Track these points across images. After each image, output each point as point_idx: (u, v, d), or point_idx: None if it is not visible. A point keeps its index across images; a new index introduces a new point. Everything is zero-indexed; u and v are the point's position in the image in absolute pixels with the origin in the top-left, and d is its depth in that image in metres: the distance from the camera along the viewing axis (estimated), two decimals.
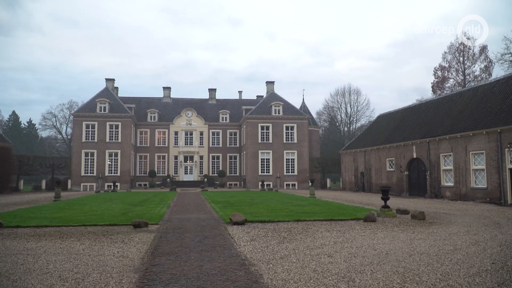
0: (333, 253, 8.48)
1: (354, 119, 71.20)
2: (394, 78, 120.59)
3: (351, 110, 70.37)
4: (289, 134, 50.76)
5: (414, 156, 32.32)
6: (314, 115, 67.43)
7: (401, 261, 7.71)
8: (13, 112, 79.08)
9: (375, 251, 8.67)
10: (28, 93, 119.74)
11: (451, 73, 54.43)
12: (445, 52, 54.23)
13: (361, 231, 11.63)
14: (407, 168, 33.53)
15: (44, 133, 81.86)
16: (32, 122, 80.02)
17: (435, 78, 55.96)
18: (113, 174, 48.04)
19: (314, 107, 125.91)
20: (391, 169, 35.86)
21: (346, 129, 72.84)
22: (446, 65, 54.43)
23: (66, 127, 76.36)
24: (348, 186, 44.25)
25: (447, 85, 54.77)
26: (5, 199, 28.10)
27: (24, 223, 13.27)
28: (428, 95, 61.00)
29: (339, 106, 71.43)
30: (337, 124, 74.23)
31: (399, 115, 39.67)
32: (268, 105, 51.70)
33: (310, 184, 31.02)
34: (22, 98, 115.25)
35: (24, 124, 79.87)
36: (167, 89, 60.17)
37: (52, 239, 10.43)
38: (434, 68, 55.82)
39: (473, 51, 51.91)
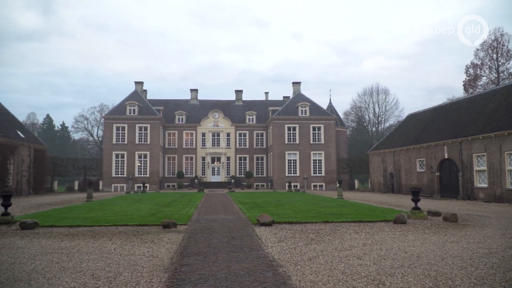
0: (362, 255, 8.36)
1: (383, 119, 70.07)
2: (423, 77, 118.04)
3: (379, 110, 69.30)
4: (316, 134, 50.39)
5: (446, 157, 31.48)
6: (341, 116, 66.73)
7: (433, 265, 7.52)
8: (47, 116, 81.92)
9: (406, 254, 8.49)
10: (61, 96, 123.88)
11: (484, 71, 52.69)
12: (477, 49, 52.51)
13: (390, 233, 11.41)
14: (438, 169, 32.70)
15: (76, 136, 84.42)
16: (65, 125, 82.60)
17: (466, 76, 54.33)
18: (142, 175, 48.98)
19: (341, 108, 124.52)
20: (422, 170, 35.06)
21: (374, 129, 71.72)
22: (479, 63, 52.74)
23: (97, 130, 78.48)
24: (377, 187, 43.53)
25: (479, 83, 53.04)
26: (40, 200, 29.11)
27: (58, 222, 13.68)
28: (459, 93, 59.40)
29: (366, 106, 70.48)
30: (365, 124, 73.16)
31: (429, 115, 38.73)
32: (294, 105, 51.52)
33: (337, 185, 30.68)
34: (55, 102, 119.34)
35: (57, 127, 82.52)
36: (194, 91, 60.91)
37: (85, 238, 10.72)
38: (466, 66, 54.17)
39: (507, 47, 50.14)
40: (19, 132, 38.97)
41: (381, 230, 12.09)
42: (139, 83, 55.14)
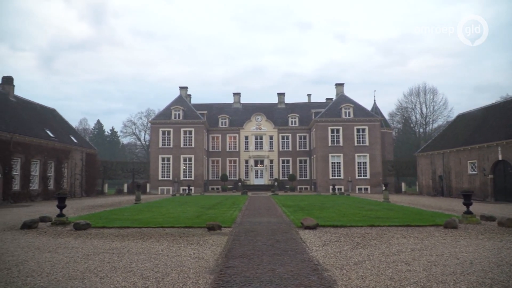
0: (410, 261, 8.10)
1: (430, 120, 67.40)
2: (474, 75, 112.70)
3: (426, 110, 66.73)
4: (360, 136, 49.41)
5: (500, 158, 29.88)
6: (387, 117, 64.95)
7: (487, 272, 7.15)
8: (98, 121, 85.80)
9: (458, 260, 8.13)
10: (111, 103, 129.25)
11: None
12: None
13: (441, 238, 10.98)
14: (492, 171, 31.08)
15: (125, 140, 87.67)
16: (114, 129, 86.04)
17: None
18: (187, 178, 50.07)
19: (387, 109, 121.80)
20: (473, 172, 33.47)
21: (421, 130, 69.21)
22: None
23: (144, 134, 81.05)
24: (425, 190, 42.01)
25: None
26: (92, 202, 30.44)
27: (109, 224, 14.25)
28: None
29: (413, 106, 68.09)
30: (412, 125, 70.76)
31: (481, 114, 36.96)
32: (337, 107, 50.82)
33: (383, 188, 29.92)
34: (106, 108, 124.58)
35: (107, 131, 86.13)
36: (237, 95, 61.56)
37: (134, 239, 11.08)
38: None
39: None
40: (72, 137, 41.00)
41: (431, 235, 11.65)
42: (183, 88, 56.50)
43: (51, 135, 36.02)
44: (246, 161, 55.51)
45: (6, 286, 6.37)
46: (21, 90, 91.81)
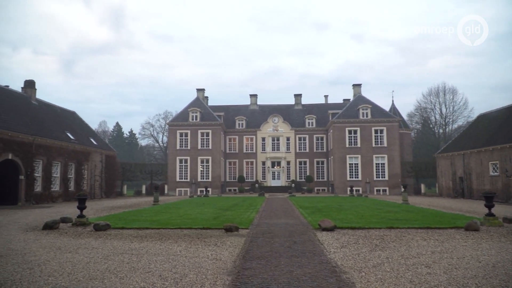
0: (431, 264, 7.97)
1: (450, 120, 66.26)
2: (496, 75, 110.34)
3: (446, 110, 65.61)
4: (378, 137, 48.88)
5: None
6: (405, 117, 64.15)
7: (511, 276, 6.98)
8: (117, 123, 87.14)
9: (480, 263, 7.97)
10: (130, 105, 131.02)
11: None
12: None
13: (462, 241, 10.77)
14: None
15: (143, 142, 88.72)
16: (133, 132, 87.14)
17: None
18: (205, 179, 50.35)
19: (405, 109, 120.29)
20: (495, 174, 32.74)
21: (441, 131, 68.10)
22: None
23: (162, 136, 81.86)
24: (445, 192, 41.28)
25: None
26: (111, 203, 30.88)
27: (128, 225, 14.42)
28: None
29: (432, 106, 67.05)
30: (431, 126, 69.66)
31: (503, 114, 36.14)
32: (355, 108, 50.40)
33: (402, 189, 29.52)
34: (124, 110, 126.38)
35: (126, 134, 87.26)
36: (253, 96, 61.64)
37: (153, 240, 11.19)
38: None
39: None
40: (92, 140, 41.67)
41: (452, 237, 11.44)
42: (200, 90, 56.87)
43: (72, 137, 36.68)
44: (263, 163, 55.51)
45: (29, 285, 6.52)
46: (42, 94, 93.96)
